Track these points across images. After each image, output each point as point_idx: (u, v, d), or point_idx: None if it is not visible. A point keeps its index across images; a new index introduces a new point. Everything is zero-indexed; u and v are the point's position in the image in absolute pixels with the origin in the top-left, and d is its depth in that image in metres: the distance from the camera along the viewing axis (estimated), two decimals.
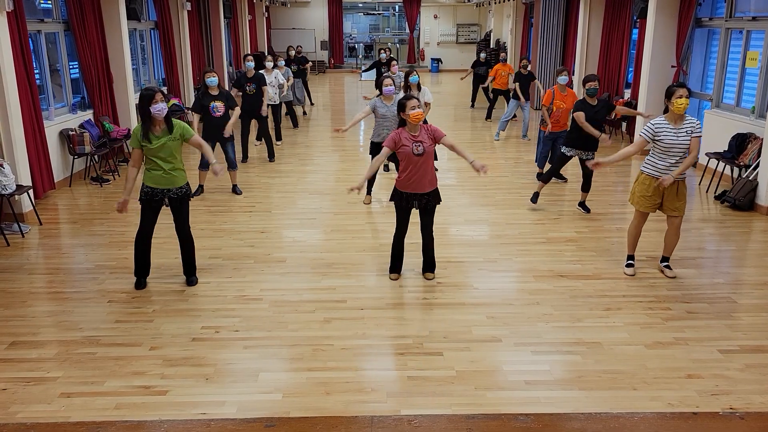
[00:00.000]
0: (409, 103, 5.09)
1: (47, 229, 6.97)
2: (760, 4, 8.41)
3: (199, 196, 8.01)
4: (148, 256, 5.42)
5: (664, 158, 5.27)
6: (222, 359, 4.27)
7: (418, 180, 5.23)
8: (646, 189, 5.39)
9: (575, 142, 7.19)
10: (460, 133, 12.59)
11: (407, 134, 5.16)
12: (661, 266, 5.69)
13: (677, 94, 5.17)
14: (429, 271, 5.60)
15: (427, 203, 5.33)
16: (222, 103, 7.78)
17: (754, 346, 4.42)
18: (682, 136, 5.21)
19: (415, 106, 5.08)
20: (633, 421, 3.58)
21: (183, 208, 5.31)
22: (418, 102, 5.12)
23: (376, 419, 3.61)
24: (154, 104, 4.97)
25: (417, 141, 5.15)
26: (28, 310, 5.02)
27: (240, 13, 19.11)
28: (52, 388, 3.92)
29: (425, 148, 5.14)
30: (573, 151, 7.23)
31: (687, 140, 5.22)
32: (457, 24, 28.33)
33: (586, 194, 7.46)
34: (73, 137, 8.67)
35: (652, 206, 5.44)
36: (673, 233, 5.51)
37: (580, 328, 4.68)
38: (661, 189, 5.32)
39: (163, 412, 3.68)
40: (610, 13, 12.62)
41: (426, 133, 5.19)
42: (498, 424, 3.55)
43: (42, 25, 8.81)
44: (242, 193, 8.24)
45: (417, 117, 5.07)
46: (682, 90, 5.17)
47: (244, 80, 9.70)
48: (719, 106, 9.38)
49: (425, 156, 5.17)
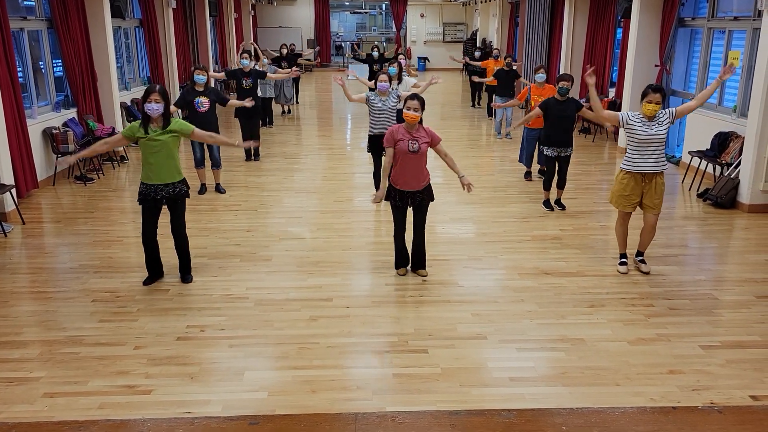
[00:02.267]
0: (409, 103, 5.21)
1: (30, 229, 6.91)
2: (741, 5, 8.51)
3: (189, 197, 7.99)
4: (156, 256, 5.42)
5: (640, 152, 5.33)
6: (207, 358, 4.26)
7: (410, 177, 5.27)
8: (623, 188, 5.46)
9: (550, 141, 7.27)
10: (447, 132, 12.61)
11: (404, 130, 5.23)
12: (636, 261, 5.75)
13: (648, 98, 5.24)
14: (421, 268, 5.63)
15: (420, 201, 5.36)
16: (207, 99, 7.76)
17: (735, 341, 4.48)
18: (654, 128, 5.27)
19: (410, 107, 5.16)
20: (614, 416, 3.62)
21: (179, 206, 5.33)
22: (417, 104, 5.18)
23: (360, 416, 3.62)
24: (148, 103, 5.02)
25: (413, 138, 5.19)
26: (11, 309, 4.98)
27: (226, 11, 19.02)
28: (35, 389, 3.89)
29: (420, 145, 5.19)
30: (551, 149, 7.29)
31: (660, 132, 5.27)
32: (443, 23, 28.38)
33: (561, 191, 7.54)
34: (57, 136, 8.60)
35: (630, 205, 5.50)
36: (648, 230, 5.59)
37: (564, 325, 4.72)
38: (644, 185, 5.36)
39: (148, 412, 3.66)
40: (595, 13, 12.72)
41: (425, 133, 5.26)
42: (481, 419, 3.58)
43: (25, 23, 8.73)
44: (226, 192, 8.22)
45: (411, 117, 5.17)
46: (655, 95, 5.20)
47: (240, 74, 9.70)
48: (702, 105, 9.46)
49: (419, 154, 5.21)
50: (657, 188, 5.40)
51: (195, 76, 7.77)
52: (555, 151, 7.28)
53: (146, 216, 5.26)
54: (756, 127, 7.28)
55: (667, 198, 8.12)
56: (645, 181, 5.39)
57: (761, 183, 7.33)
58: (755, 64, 7.45)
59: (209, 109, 7.79)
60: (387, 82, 7.39)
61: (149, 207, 5.25)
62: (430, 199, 5.42)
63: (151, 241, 5.32)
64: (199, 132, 5.33)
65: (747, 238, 6.73)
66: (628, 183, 5.42)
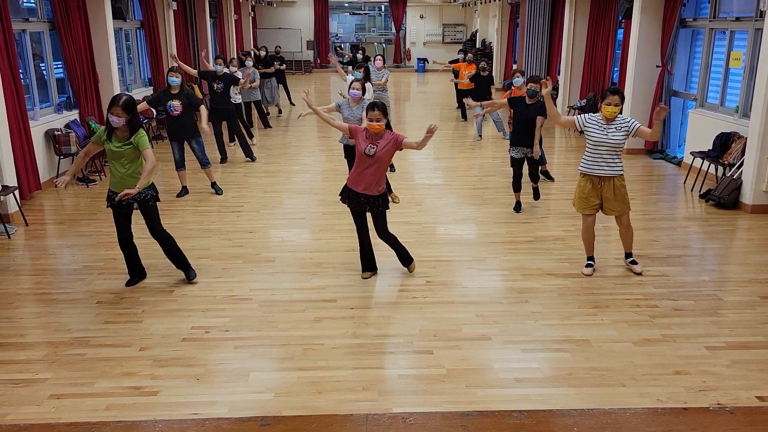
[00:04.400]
0: (371, 113, 5.23)
1: (33, 230, 6.91)
2: (742, 5, 8.52)
3: (183, 197, 8.00)
4: (134, 259, 5.41)
5: (594, 154, 5.38)
6: (212, 359, 4.27)
7: (364, 180, 5.27)
8: (581, 190, 5.51)
9: (515, 141, 7.31)
10: (444, 133, 12.62)
11: (367, 134, 5.25)
12: (626, 263, 5.76)
13: (607, 100, 5.26)
14: (407, 265, 5.66)
15: (372, 206, 5.35)
16: (179, 102, 7.69)
17: (740, 342, 4.48)
18: (611, 133, 5.29)
19: (372, 119, 5.20)
20: (625, 417, 3.62)
21: (148, 211, 5.25)
22: (379, 114, 5.19)
23: (371, 417, 3.63)
24: (110, 114, 4.91)
25: (373, 143, 5.21)
26: (15, 311, 4.98)
27: (226, 12, 19.02)
28: (42, 390, 3.89)
29: (377, 151, 5.19)
30: (516, 150, 7.29)
31: (617, 137, 5.27)
32: (443, 24, 28.41)
33: (535, 183, 7.63)
34: (59, 137, 8.60)
35: (590, 207, 5.52)
36: (624, 231, 5.63)
37: (568, 325, 4.72)
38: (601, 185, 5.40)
39: (154, 413, 3.66)
40: (596, 14, 12.71)
41: (386, 142, 5.22)
42: (492, 421, 3.58)
43: (27, 25, 8.73)
44: (222, 192, 8.21)
45: (372, 128, 5.20)
46: (613, 98, 5.22)
47: (213, 77, 9.71)
48: (703, 105, 9.49)
49: (376, 160, 5.20)
50: (616, 191, 5.41)
51: (169, 79, 7.73)
52: (521, 152, 7.28)
53: (117, 220, 5.22)
54: (758, 128, 7.28)
55: (669, 199, 8.18)
56: (601, 183, 5.42)
57: (764, 183, 7.34)
58: (757, 65, 7.45)
59: (182, 111, 7.74)
60: (359, 90, 7.15)
61: (118, 212, 5.20)
62: (384, 206, 5.40)
63: (127, 244, 5.29)
64: (146, 152, 5.01)
65: (750, 238, 6.73)
66: (585, 185, 5.47)
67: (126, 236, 5.26)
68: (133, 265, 5.42)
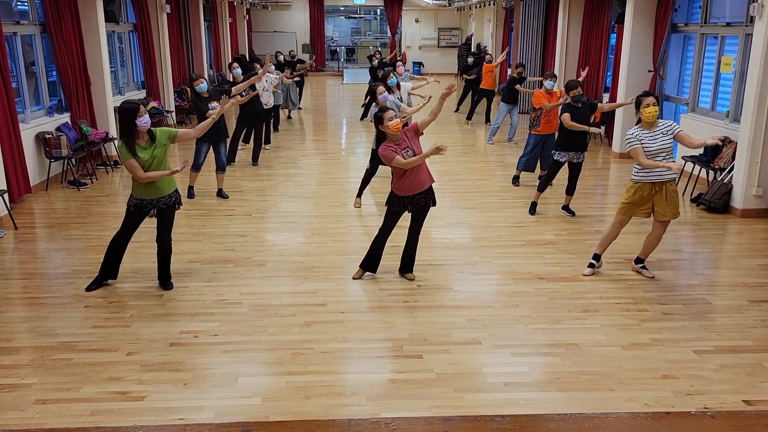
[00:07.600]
0: (386, 115, 5.12)
1: (23, 234, 6.88)
2: (733, 10, 8.56)
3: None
4: (120, 260, 5.41)
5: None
6: (200, 364, 4.24)
7: (418, 180, 5.22)
8: (632, 197, 5.47)
9: (565, 145, 7.23)
10: (444, 136, 12.62)
11: (393, 146, 5.15)
12: (637, 267, 5.75)
13: (645, 103, 5.30)
14: (409, 272, 5.63)
15: (425, 205, 5.34)
16: (216, 102, 7.76)
17: (728, 346, 4.48)
18: (660, 138, 5.31)
19: (392, 117, 5.12)
20: (607, 421, 3.62)
21: (170, 215, 5.29)
22: (392, 113, 5.15)
23: (354, 422, 3.61)
24: (140, 117, 4.92)
25: (404, 148, 5.17)
26: (2, 315, 4.94)
27: (220, 16, 19.02)
28: (27, 395, 3.86)
29: (414, 150, 5.17)
30: (564, 154, 7.26)
31: (666, 141, 5.31)
32: (438, 28, 28.44)
33: (570, 197, 7.51)
34: (50, 140, 8.57)
35: (640, 212, 5.49)
36: (654, 238, 5.59)
37: (558, 329, 4.72)
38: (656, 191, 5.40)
39: (140, 418, 3.64)
40: (589, 18, 12.76)
41: (407, 137, 5.22)
42: (475, 425, 3.57)
43: (18, 27, 8.70)
44: (228, 197, 8.19)
45: (396, 127, 5.11)
46: (649, 99, 5.32)
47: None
48: (695, 110, 9.52)
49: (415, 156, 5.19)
50: (669, 195, 5.42)
51: (198, 87, 7.79)
52: (569, 156, 7.23)
53: (129, 225, 5.24)
54: (748, 133, 7.31)
55: None
56: (655, 189, 5.41)
57: (754, 188, 7.36)
58: (747, 70, 7.48)
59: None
60: (386, 93, 7.22)
61: (137, 218, 5.23)
62: (433, 203, 5.40)
63: (124, 245, 5.32)
64: (182, 133, 5.21)
65: (740, 242, 6.75)
66: (641, 192, 5.43)
67: (128, 239, 5.31)
68: (112, 266, 5.41)
